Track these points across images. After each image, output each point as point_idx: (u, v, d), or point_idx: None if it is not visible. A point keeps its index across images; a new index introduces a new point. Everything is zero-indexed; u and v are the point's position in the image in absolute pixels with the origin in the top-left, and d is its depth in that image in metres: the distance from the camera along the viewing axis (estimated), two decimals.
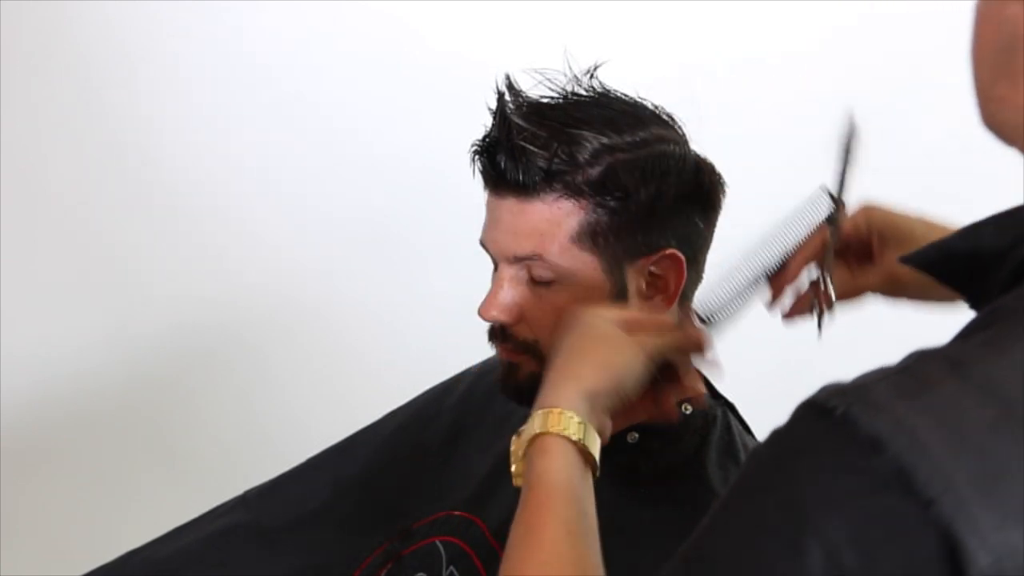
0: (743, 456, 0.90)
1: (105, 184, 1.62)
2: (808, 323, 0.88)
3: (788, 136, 1.69)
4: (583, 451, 0.72)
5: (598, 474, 0.73)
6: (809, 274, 0.87)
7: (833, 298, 0.83)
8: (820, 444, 0.49)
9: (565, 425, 0.72)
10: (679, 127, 0.91)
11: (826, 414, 0.49)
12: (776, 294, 0.89)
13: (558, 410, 0.72)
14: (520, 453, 0.73)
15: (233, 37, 1.63)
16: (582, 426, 0.72)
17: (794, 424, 0.51)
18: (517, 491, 0.72)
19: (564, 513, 0.69)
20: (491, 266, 0.92)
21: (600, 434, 0.74)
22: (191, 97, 1.63)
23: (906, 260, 0.62)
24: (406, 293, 1.72)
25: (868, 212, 0.86)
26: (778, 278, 0.87)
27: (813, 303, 0.84)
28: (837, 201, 0.84)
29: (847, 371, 0.58)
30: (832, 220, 0.84)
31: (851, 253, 0.87)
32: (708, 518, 0.54)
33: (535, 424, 0.72)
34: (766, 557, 0.49)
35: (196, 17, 1.60)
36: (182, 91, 1.63)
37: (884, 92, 1.70)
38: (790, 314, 0.87)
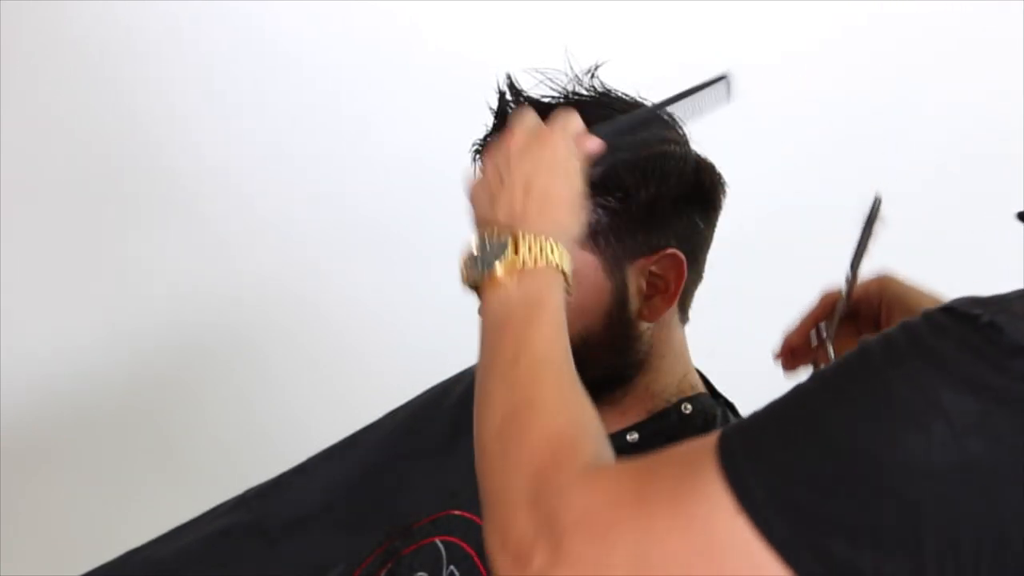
0: None
1: (105, 183, 1.62)
2: None
3: (788, 136, 1.69)
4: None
5: None
6: (815, 332, 0.92)
7: (831, 358, 0.87)
8: (960, 339, 0.52)
9: (566, 267, 0.73)
10: (680, 127, 0.91)
11: (969, 319, 0.52)
12: (783, 350, 0.93)
13: (560, 248, 0.72)
14: (511, 258, 0.71)
15: (233, 37, 1.63)
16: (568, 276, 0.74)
17: (932, 321, 0.54)
18: None
19: (568, 346, 0.69)
20: None
21: None
22: (191, 97, 1.63)
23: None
24: (406, 293, 1.72)
25: (883, 282, 0.89)
26: (787, 336, 0.92)
27: (814, 361, 0.88)
28: (852, 271, 0.87)
29: None
30: (846, 286, 0.88)
31: (860, 319, 0.89)
32: (804, 390, 0.56)
33: (542, 247, 0.71)
34: (891, 428, 0.51)
35: (197, 17, 1.60)
36: (182, 91, 1.63)
37: (884, 92, 1.70)
38: (791, 366, 0.90)
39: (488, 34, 1.64)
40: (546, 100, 0.88)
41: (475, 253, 0.73)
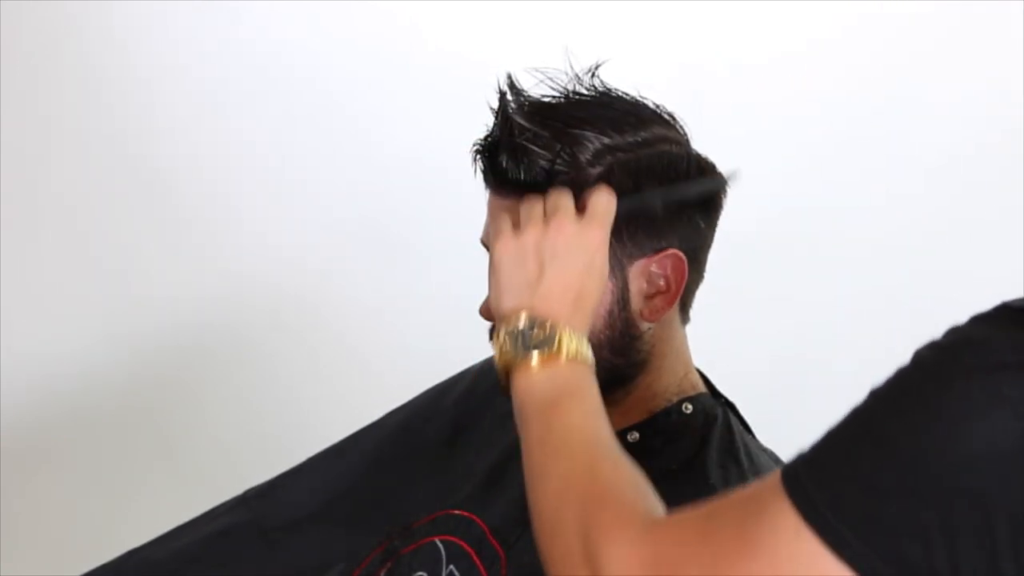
0: (743, 456, 0.90)
1: (105, 183, 1.62)
2: (806, 325, 0.89)
3: (788, 136, 1.69)
4: None
5: None
6: None
7: None
8: (1014, 332, 0.53)
9: (591, 363, 0.78)
10: (680, 126, 0.91)
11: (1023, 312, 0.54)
12: None
13: (587, 346, 0.78)
14: (554, 351, 0.76)
15: (234, 37, 1.63)
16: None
17: (983, 320, 0.55)
18: (517, 491, 0.73)
19: (610, 427, 0.74)
20: None
21: None
22: (192, 97, 1.63)
23: None
24: (406, 293, 1.72)
25: None
26: None
27: None
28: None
29: (845, 369, 0.58)
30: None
31: None
32: (860, 409, 0.57)
33: (579, 345, 0.77)
34: (952, 424, 0.52)
35: (196, 15, 1.60)
36: (182, 91, 1.63)
37: (884, 92, 1.70)
38: None
39: (488, 34, 1.64)
40: (547, 100, 0.88)
41: (518, 336, 0.78)
